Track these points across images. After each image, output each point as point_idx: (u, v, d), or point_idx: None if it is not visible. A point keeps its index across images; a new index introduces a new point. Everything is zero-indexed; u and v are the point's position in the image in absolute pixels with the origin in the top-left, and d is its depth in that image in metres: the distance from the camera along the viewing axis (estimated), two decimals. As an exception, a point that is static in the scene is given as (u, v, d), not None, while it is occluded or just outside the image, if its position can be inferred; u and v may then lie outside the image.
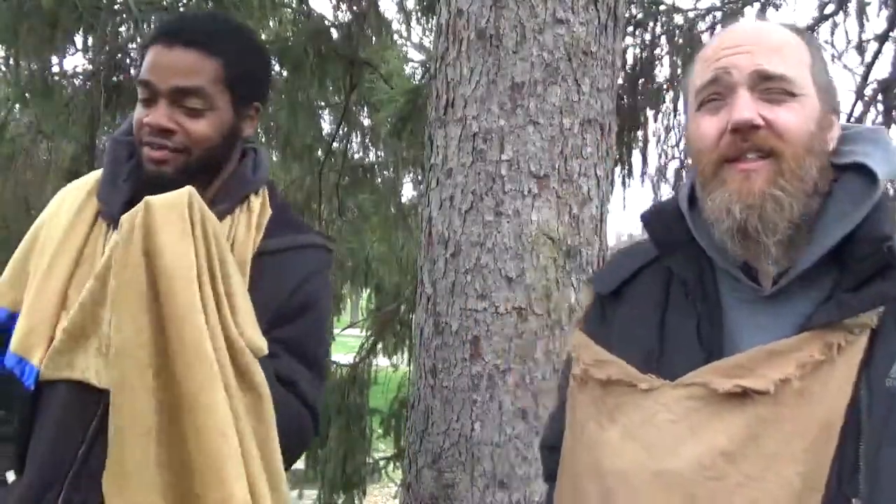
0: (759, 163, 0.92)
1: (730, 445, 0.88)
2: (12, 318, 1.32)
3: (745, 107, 0.92)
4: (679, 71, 4.49)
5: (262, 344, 1.22)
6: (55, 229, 1.33)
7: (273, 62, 4.85)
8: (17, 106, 4.86)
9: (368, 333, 5.11)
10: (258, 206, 1.34)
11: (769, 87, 0.93)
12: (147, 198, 1.16)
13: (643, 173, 4.81)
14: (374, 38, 4.74)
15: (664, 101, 4.68)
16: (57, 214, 1.35)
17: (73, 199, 1.35)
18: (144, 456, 1.12)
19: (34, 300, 1.28)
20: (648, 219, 1.07)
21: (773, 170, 0.92)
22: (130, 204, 1.24)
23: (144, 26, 4.17)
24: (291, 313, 1.31)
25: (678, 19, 4.50)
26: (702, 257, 1.00)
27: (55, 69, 4.40)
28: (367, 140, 6.15)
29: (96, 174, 1.38)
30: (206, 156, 1.28)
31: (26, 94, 4.22)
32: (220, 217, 1.27)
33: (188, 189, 1.19)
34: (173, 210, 1.16)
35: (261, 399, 1.20)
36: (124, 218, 1.17)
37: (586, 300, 1.15)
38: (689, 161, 1.02)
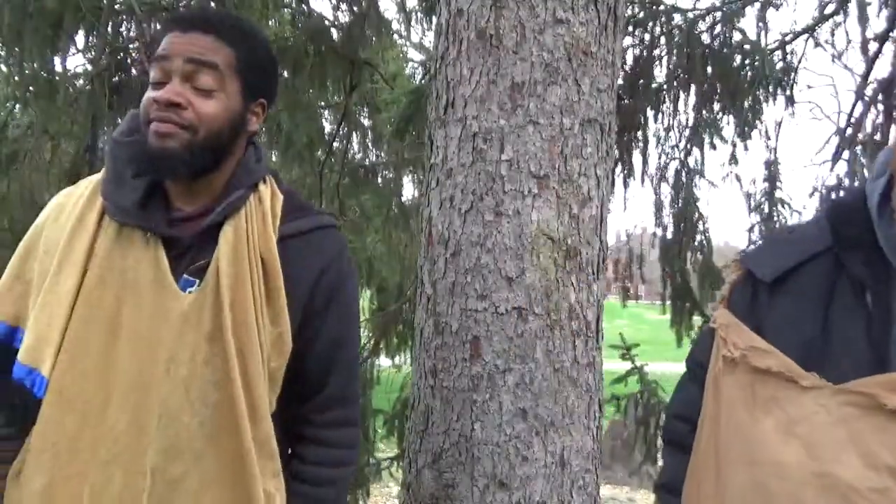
0: None
1: (895, 462, 0.89)
2: (12, 331, 1.31)
3: None
4: (679, 71, 4.49)
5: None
6: (56, 235, 1.32)
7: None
8: (17, 106, 4.86)
9: (370, 334, 5.11)
10: (268, 193, 1.35)
11: None
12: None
13: (644, 173, 4.82)
14: (373, 39, 4.74)
15: (664, 101, 4.68)
16: (56, 220, 1.34)
17: (74, 204, 1.35)
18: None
19: (42, 309, 1.26)
20: (833, 212, 1.06)
21: None
22: (144, 206, 1.27)
23: (145, 26, 4.17)
24: (325, 296, 1.34)
25: (678, 19, 4.50)
26: (881, 258, 0.99)
27: (58, 69, 4.41)
28: (367, 141, 6.15)
29: (91, 179, 1.38)
30: (211, 138, 1.28)
31: (27, 94, 4.23)
32: (236, 209, 1.29)
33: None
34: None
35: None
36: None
37: (733, 278, 1.13)
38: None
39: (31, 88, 4.22)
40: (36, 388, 1.24)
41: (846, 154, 4.23)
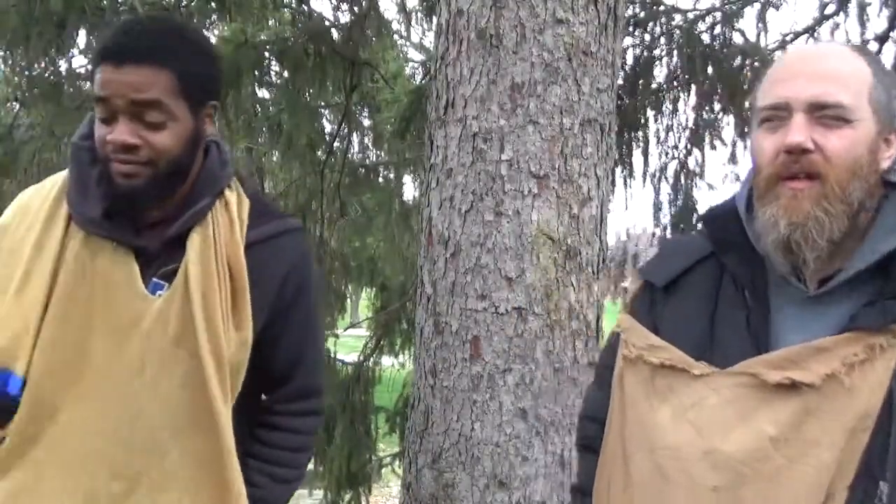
0: (806, 183, 1.00)
1: (775, 432, 0.98)
2: None
3: (799, 131, 1.00)
4: (679, 71, 4.49)
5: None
6: (23, 235, 1.33)
7: (273, 62, 4.87)
8: (19, 107, 4.87)
9: (372, 333, 5.12)
10: (234, 199, 1.37)
11: (824, 113, 1.00)
12: None
13: (644, 173, 4.83)
14: (373, 39, 4.74)
15: (664, 101, 4.69)
16: (23, 220, 1.35)
17: (39, 205, 1.35)
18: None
19: (12, 308, 1.27)
20: (708, 219, 1.19)
21: (818, 192, 1.00)
22: (108, 216, 1.29)
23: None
24: (290, 297, 1.38)
25: (678, 19, 4.50)
26: (754, 257, 1.09)
27: (63, 71, 4.41)
28: (367, 141, 6.16)
29: (56, 178, 1.38)
30: (172, 165, 1.29)
31: (27, 95, 4.23)
32: (202, 216, 1.31)
33: None
34: None
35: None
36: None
37: (634, 287, 1.25)
38: (752, 168, 1.12)
39: (35, 90, 4.22)
40: (10, 386, 1.26)
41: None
